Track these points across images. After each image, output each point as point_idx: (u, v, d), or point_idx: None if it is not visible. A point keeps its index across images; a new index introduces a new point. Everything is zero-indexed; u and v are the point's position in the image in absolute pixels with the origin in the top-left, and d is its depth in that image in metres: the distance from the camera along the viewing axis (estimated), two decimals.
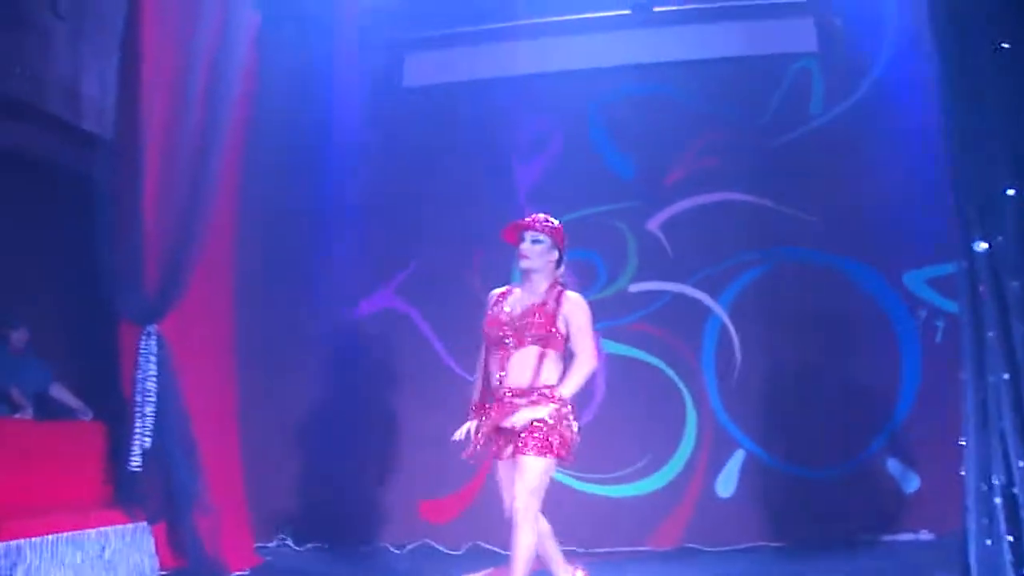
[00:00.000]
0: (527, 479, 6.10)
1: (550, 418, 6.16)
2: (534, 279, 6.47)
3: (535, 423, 6.16)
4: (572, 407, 6.34)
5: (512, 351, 6.33)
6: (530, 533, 6.08)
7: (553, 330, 6.32)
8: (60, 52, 8.59)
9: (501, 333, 6.36)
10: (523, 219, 6.54)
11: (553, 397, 6.24)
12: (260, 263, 10.40)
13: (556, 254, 6.51)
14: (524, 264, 6.46)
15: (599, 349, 6.65)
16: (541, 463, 6.13)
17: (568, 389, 6.29)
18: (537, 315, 6.32)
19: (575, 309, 6.42)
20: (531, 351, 6.31)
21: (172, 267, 8.34)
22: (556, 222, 6.54)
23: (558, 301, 6.39)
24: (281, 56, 10.17)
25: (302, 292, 10.84)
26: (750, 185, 10.55)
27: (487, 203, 10.32)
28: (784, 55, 10.64)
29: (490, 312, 6.51)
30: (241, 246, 9.82)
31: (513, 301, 6.49)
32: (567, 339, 6.39)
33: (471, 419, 6.50)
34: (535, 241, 6.44)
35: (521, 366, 6.31)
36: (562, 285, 6.50)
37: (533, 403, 6.23)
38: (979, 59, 6.69)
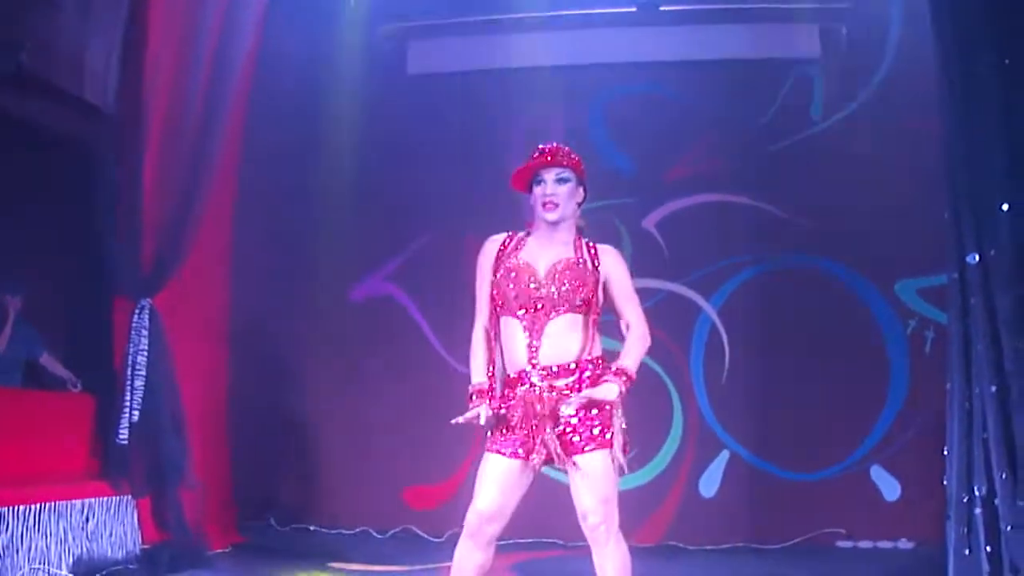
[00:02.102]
0: (599, 487, 4.83)
1: (614, 402, 4.83)
2: (558, 229, 5.07)
3: (594, 411, 4.83)
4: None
5: (545, 319, 4.90)
6: (620, 549, 4.89)
7: (595, 293, 4.95)
8: (65, 25, 8.58)
9: (530, 296, 4.92)
10: (535, 154, 5.09)
11: (618, 373, 4.84)
12: (256, 243, 10.40)
13: (582, 192, 5.17)
14: (551, 215, 5.00)
15: None
16: (608, 459, 4.85)
17: (635, 364, 4.90)
18: (577, 271, 4.95)
19: (617, 266, 5.09)
20: (570, 320, 4.92)
21: (169, 242, 8.35)
22: (578, 155, 5.16)
23: (594, 256, 5.05)
24: (286, 38, 10.16)
25: (297, 274, 10.85)
26: (747, 187, 10.58)
27: (483, 193, 10.33)
28: (787, 60, 10.65)
29: (504, 269, 5.03)
30: (238, 225, 9.84)
31: (533, 255, 5.04)
32: (601, 304, 5.03)
33: (475, 405, 4.94)
34: (561, 180, 5.04)
35: (560, 338, 4.90)
36: (580, 230, 5.16)
37: (585, 384, 4.85)
38: (980, 74, 6.73)
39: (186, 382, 8.54)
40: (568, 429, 4.83)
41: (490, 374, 5.05)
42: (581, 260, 5.00)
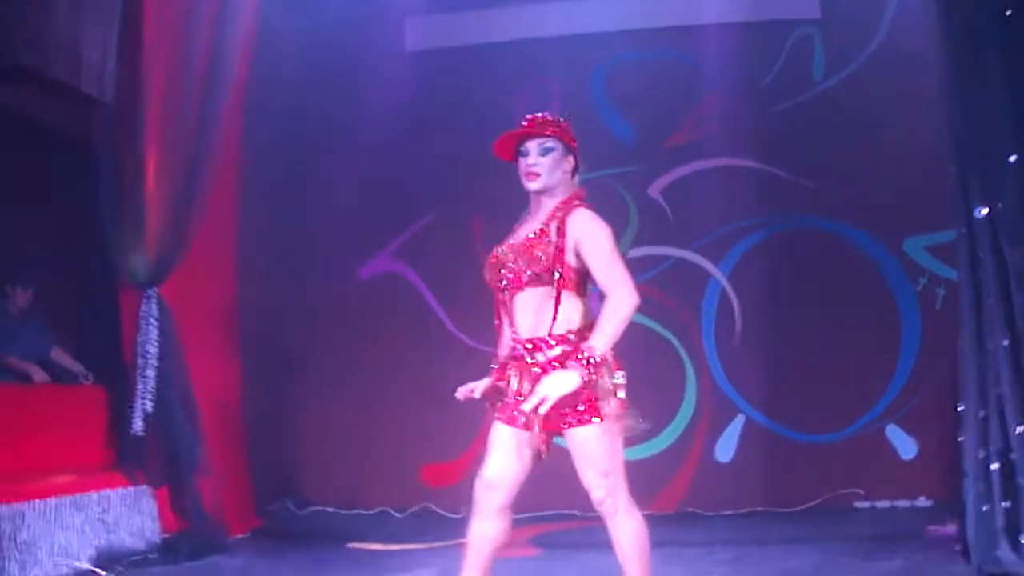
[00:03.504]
0: (594, 461, 4.70)
1: (583, 381, 4.54)
2: (545, 200, 4.95)
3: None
4: (611, 359, 4.70)
5: (511, 295, 4.84)
6: (631, 519, 4.76)
7: (558, 264, 4.74)
8: (61, 16, 8.54)
9: (493, 274, 4.89)
10: (521, 123, 4.99)
11: (577, 358, 4.57)
12: (262, 227, 10.39)
13: (572, 160, 5.01)
14: (534, 185, 4.91)
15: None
16: (597, 433, 4.66)
17: (601, 340, 4.59)
18: (533, 245, 4.80)
19: (586, 230, 4.80)
20: (536, 293, 4.78)
21: (174, 230, 8.32)
22: (564, 120, 5.05)
23: (562, 222, 4.81)
24: (284, 18, 10.12)
25: (304, 256, 10.88)
26: (751, 151, 10.55)
27: (487, 167, 10.26)
28: (787, 21, 10.60)
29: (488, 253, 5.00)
30: (243, 210, 9.82)
31: (518, 232, 4.99)
32: (583, 272, 4.82)
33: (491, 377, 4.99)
34: (545, 150, 4.92)
35: (529, 314, 4.80)
36: (581, 201, 4.94)
37: (552, 365, 4.68)
38: (983, 27, 6.68)
39: (197, 370, 8.53)
40: (557, 404, 4.57)
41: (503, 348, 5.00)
42: (545, 231, 4.82)
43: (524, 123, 4.99)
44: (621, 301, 4.68)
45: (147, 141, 8.22)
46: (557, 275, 4.75)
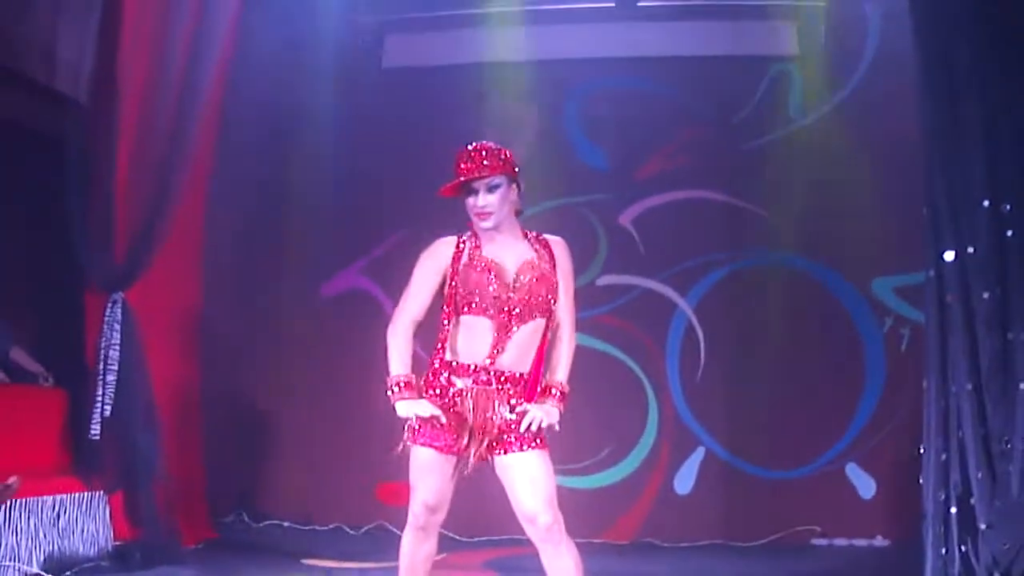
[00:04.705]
0: (543, 487, 4.77)
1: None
2: (503, 229, 5.00)
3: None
4: None
5: (515, 325, 4.84)
6: (573, 547, 4.82)
7: (558, 295, 4.95)
8: (38, 14, 8.51)
9: (503, 299, 4.85)
10: (462, 163, 5.01)
11: (553, 395, 4.87)
12: (229, 237, 10.36)
13: (516, 188, 5.04)
14: (487, 224, 4.94)
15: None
16: (547, 458, 4.84)
17: (566, 375, 4.96)
18: (542, 279, 4.92)
19: (569, 267, 5.06)
20: (535, 326, 4.90)
21: (142, 236, 8.27)
22: (503, 150, 5.03)
23: (551, 254, 5.02)
24: (262, 30, 10.05)
25: (270, 269, 10.81)
26: (723, 184, 10.57)
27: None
28: (765, 57, 10.64)
29: (476, 268, 4.94)
30: (211, 219, 9.78)
31: (497, 255, 4.96)
32: None
33: (399, 397, 5.03)
34: (492, 188, 4.94)
35: (523, 346, 4.87)
36: (518, 213, 5.09)
37: (528, 395, 4.85)
38: (960, 71, 6.71)
39: (158, 377, 8.48)
40: (505, 429, 4.80)
41: (411, 367, 5.09)
42: (543, 261, 4.97)
43: (466, 161, 5.00)
44: (574, 336, 5.02)
45: (120, 144, 8.17)
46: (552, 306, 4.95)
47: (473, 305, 4.91)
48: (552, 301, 4.93)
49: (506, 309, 4.85)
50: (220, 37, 8.82)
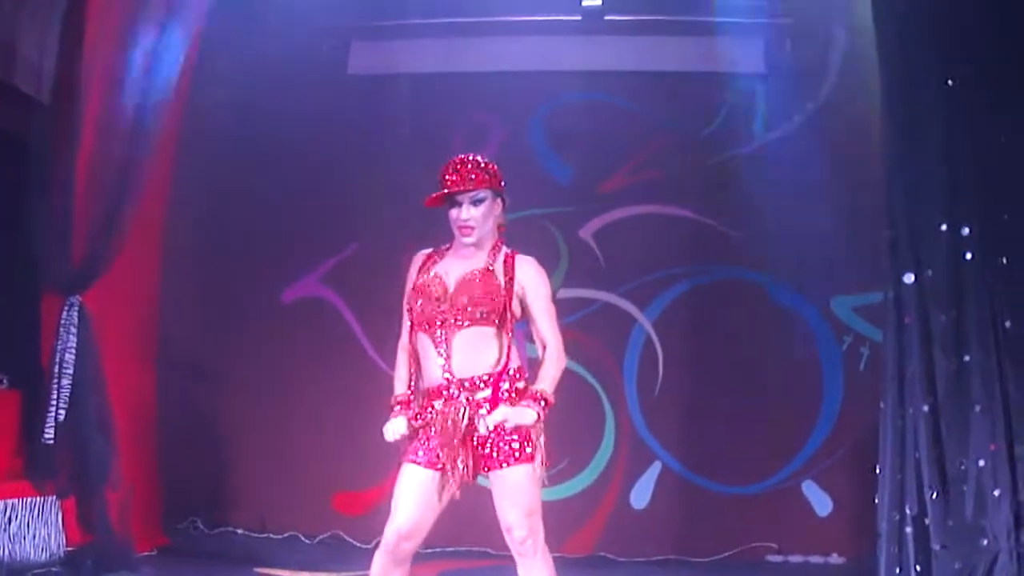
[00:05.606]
0: (522, 500, 4.85)
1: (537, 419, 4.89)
2: (482, 244, 5.12)
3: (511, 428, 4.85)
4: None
5: (453, 331, 4.90)
6: (547, 561, 4.96)
7: (506, 305, 4.96)
8: None
9: (434, 312, 4.94)
10: (448, 174, 5.06)
11: (534, 398, 4.90)
12: (188, 243, 10.30)
13: (501, 202, 5.16)
14: (470, 239, 5.05)
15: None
16: (529, 473, 4.87)
17: (552, 387, 4.99)
18: (482, 284, 4.96)
19: (533, 278, 5.09)
20: (477, 332, 4.92)
21: (100, 238, 8.21)
22: (491, 164, 5.13)
23: (510, 266, 5.05)
24: (226, 34, 10.01)
25: (229, 275, 10.72)
26: (685, 199, 10.56)
27: (420, 195, 10.20)
28: (730, 74, 10.63)
29: (418, 281, 5.09)
30: (170, 224, 9.74)
31: (448, 268, 5.07)
32: (518, 318, 5.07)
33: (396, 415, 5.08)
34: (476, 202, 5.03)
35: (470, 350, 4.91)
36: (501, 232, 5.21)
37: (503, 400, 4.91)
38: (923, 94, 6.79)
39: (114, 381, 8.42)
40: (488, 443, 4.88)
41: (411, 386, 5.12)
42: (491, 271, 5.01)
43: (452, 172, 5.04)
44: (562, 352, 5.08)
45: (81, 145, 8.11)
46: (508, 315, 4.97)
47: (417, 322, 5.03)
48: (492, 309, 4.92)
49: (439, 322, 4.94)
50: (184, 40, 8.79)
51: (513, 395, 4.95)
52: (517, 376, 5.01)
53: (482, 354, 4.94)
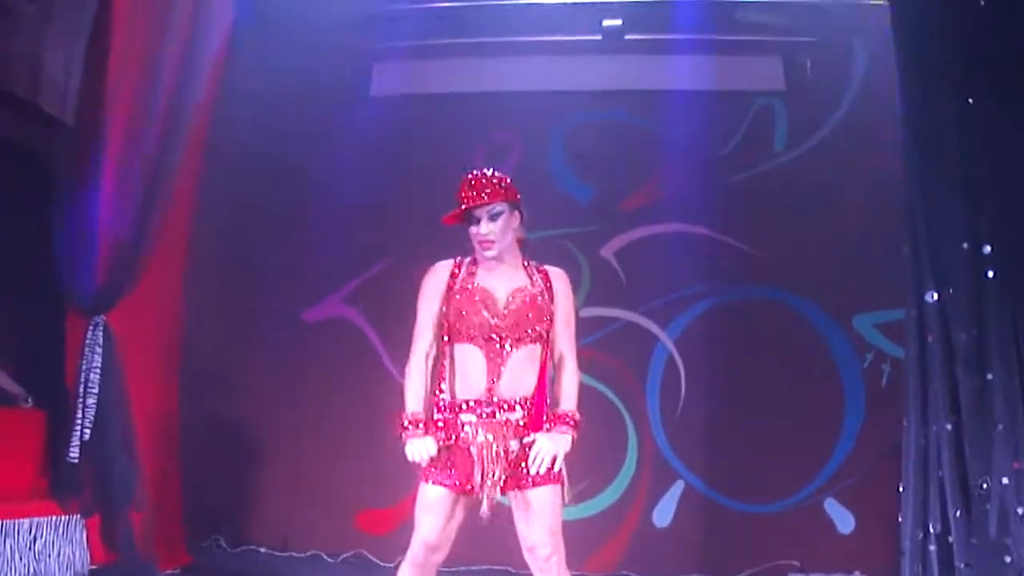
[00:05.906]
0: (547, 520, 4.91)
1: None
2: (504, 258, 5.15)
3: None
4: None
5: (507, 351, 4.95)
6: None
7: (552, 323, 5.09)
8: (25, 31, 8.49)
9: (492, 326, 4.97)
10: (463, 191, 5.14)
11: (566, 421, 5.03)
12: (212, 262, 10.35)
13: (518, 216, 5.20)
14: (491, 253, 5.06)
15: None
16: (556, 492, 4.98)
17: (576, 404, 5.13)
18: (541, 304, 5.05)
19: (565, 292, 5.22)
20: (529, 352, 5.00)
21: (125, 258, 8.27)
22: (503, 178, 5.19)
23: (546, 283, 5.17)
24: (250, 56, 10.08)
25: (252, 294, 10.75)
26: (706, 218, 10.55)
27: (442, 215, 10.20)
28: (750, 92, 10.67)
29: (463, 296, 5.07)
30: (194, 244, 9.77)
31: (490, 283, 5.09)
32: None
33: (413, 435, 4.95)
34: (494, 216, 5.07)
35: (519, 371, 4.97)
36: (523, 244, 5.30)
37: (536, 425, 4.97)
38: (945, 112, 6.78)
39: (138, 400, 8.45)
40: (515, 462, 4.92)
41: (425, 403, 5.06)
42: (538, 289, 5.10)
43: (468, 189, 5.11)
44: (577, 368, 5.17)
45: (105, 166, 8.16)
46: (546, 334, 5.09)
47: (463, 333, 4.99)
48: (545, 329, 5.04)
49: (495, 336, 4.96)
50: (208, 62, 8.84)
51: (545, 419, 5.01)
52: (547, 395, 5.06)
53: (527, 375, 5.00)
